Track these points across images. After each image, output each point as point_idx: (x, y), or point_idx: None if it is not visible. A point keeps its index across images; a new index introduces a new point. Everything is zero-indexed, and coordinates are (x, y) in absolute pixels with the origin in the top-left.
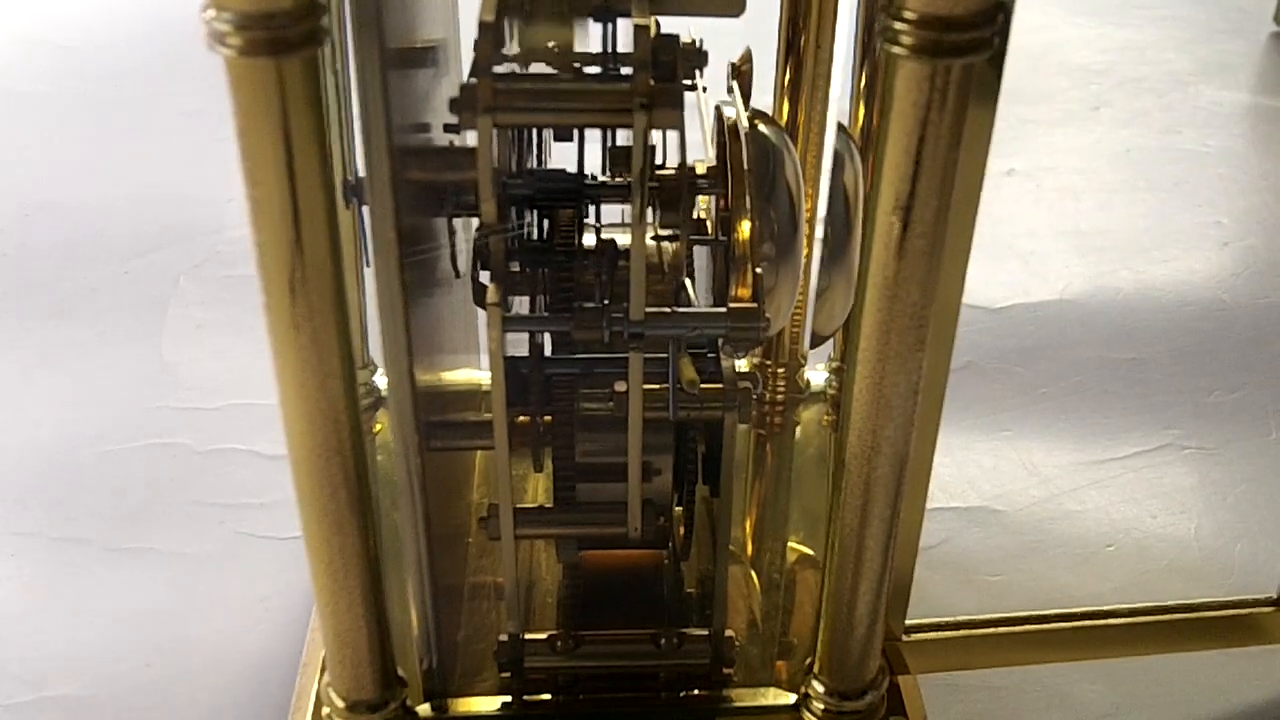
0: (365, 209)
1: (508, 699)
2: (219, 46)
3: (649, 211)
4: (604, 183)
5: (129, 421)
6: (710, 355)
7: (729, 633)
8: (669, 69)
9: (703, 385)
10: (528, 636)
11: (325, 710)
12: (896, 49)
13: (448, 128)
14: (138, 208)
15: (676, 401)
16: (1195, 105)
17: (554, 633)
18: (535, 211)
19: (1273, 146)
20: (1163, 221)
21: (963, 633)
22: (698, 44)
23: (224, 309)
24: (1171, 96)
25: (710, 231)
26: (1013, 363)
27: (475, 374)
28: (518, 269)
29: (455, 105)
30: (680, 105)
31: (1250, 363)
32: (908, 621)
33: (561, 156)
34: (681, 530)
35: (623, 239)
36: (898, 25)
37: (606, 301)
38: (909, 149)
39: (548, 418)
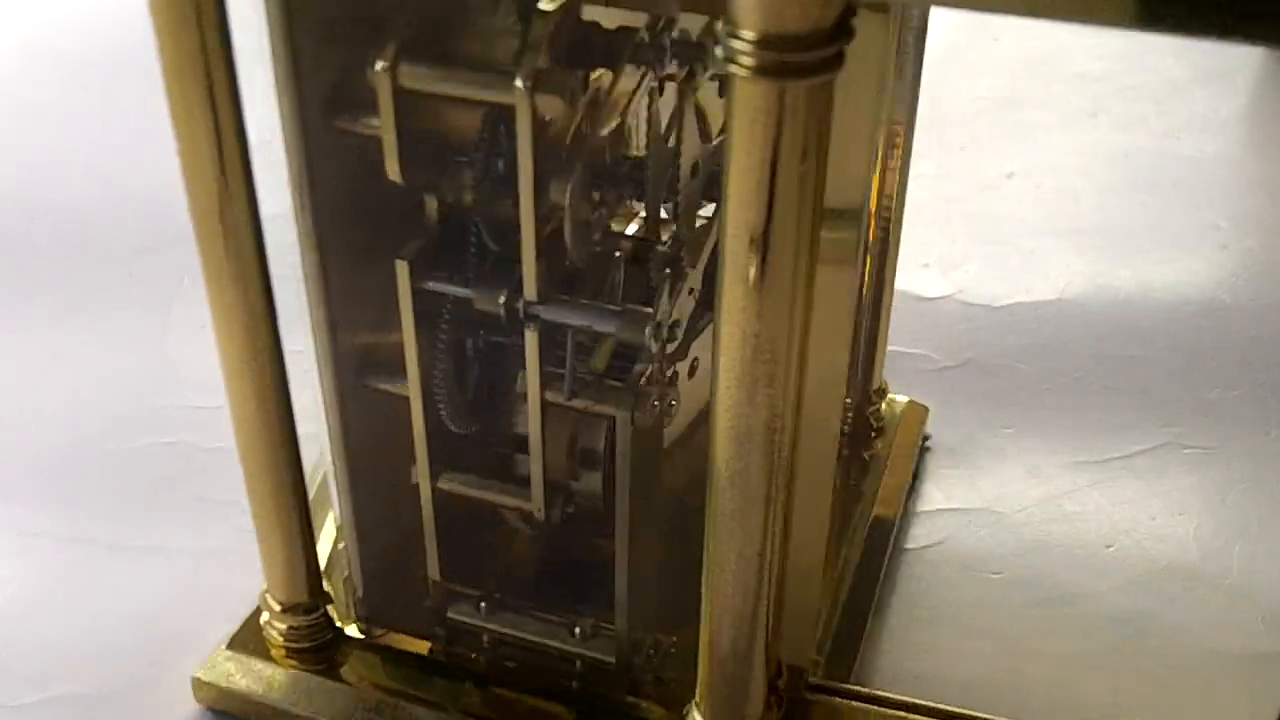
0: None
1: (429, 644)
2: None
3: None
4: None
5: (132, 421)
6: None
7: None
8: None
9: (608, 380)
10: (460, 590)
11: (264, 616)
12: (737, 69)
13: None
14: (142, 210)
15: (572, 388)
16: (1192, 111)
17: (479, 592)
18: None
19: (1269, 152)
20: (1161, 223)
21: (869, 708)
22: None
23: None
24: (1169, 102)
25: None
26: (1014, 359)
27: None
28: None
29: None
30: (564, 94)
31: (1251, 359)
32: (818, 681)
33: None
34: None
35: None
36: (735, 44)
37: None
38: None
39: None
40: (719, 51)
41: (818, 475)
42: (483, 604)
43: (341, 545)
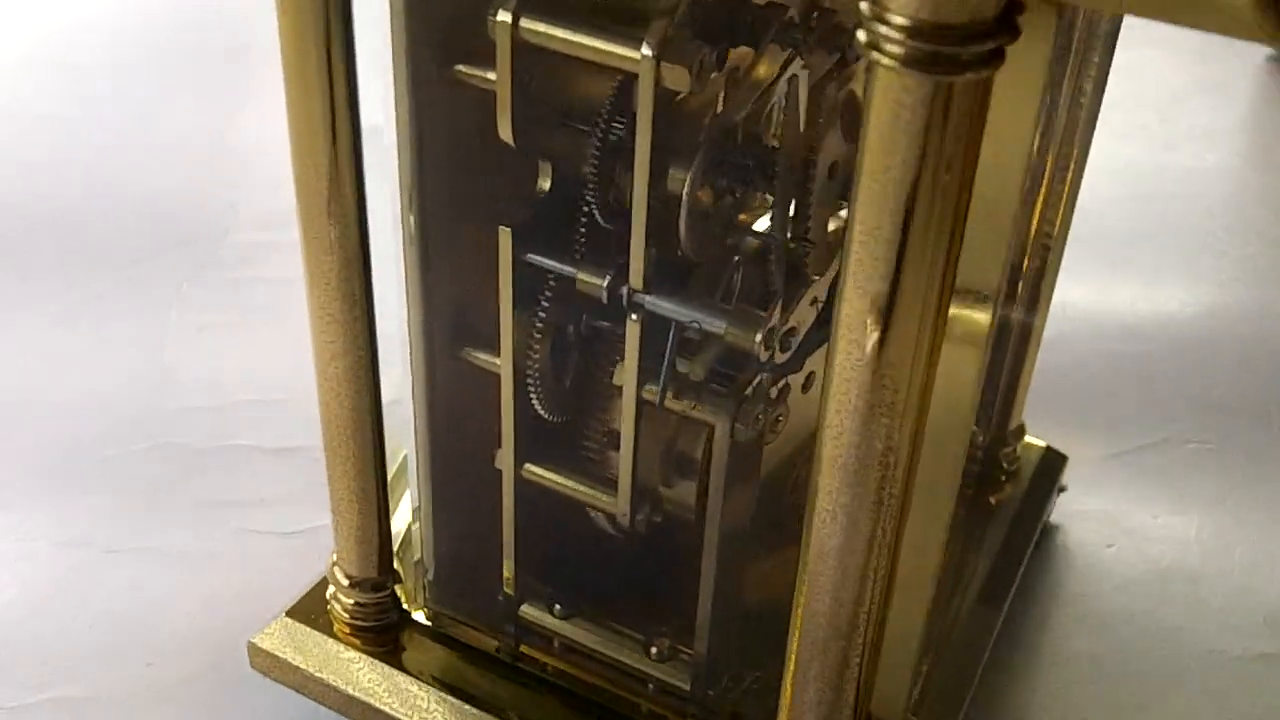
0: None
1: (499, 641)
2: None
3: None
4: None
5: (131, 424)
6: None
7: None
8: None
9: (710, 386)
10: (535, 588)
11: (330, 590)
12: (881, 58)
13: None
14: (141, 217)
15: (666, 387)
16: (1192, 122)
17: (554, 593)
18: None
19: (1269, 160)
20: (1162, 231)
21: None
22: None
23: (225, 311)
24: (1170, 113)
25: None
26: None
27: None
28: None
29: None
30: (693, 66)
31: (1253, 354)
32: None
33: None
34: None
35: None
36: (882, 29)
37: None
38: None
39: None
40: (862, 36)
41: (932, 518)
42: (556, 606)
43: (416, 526)
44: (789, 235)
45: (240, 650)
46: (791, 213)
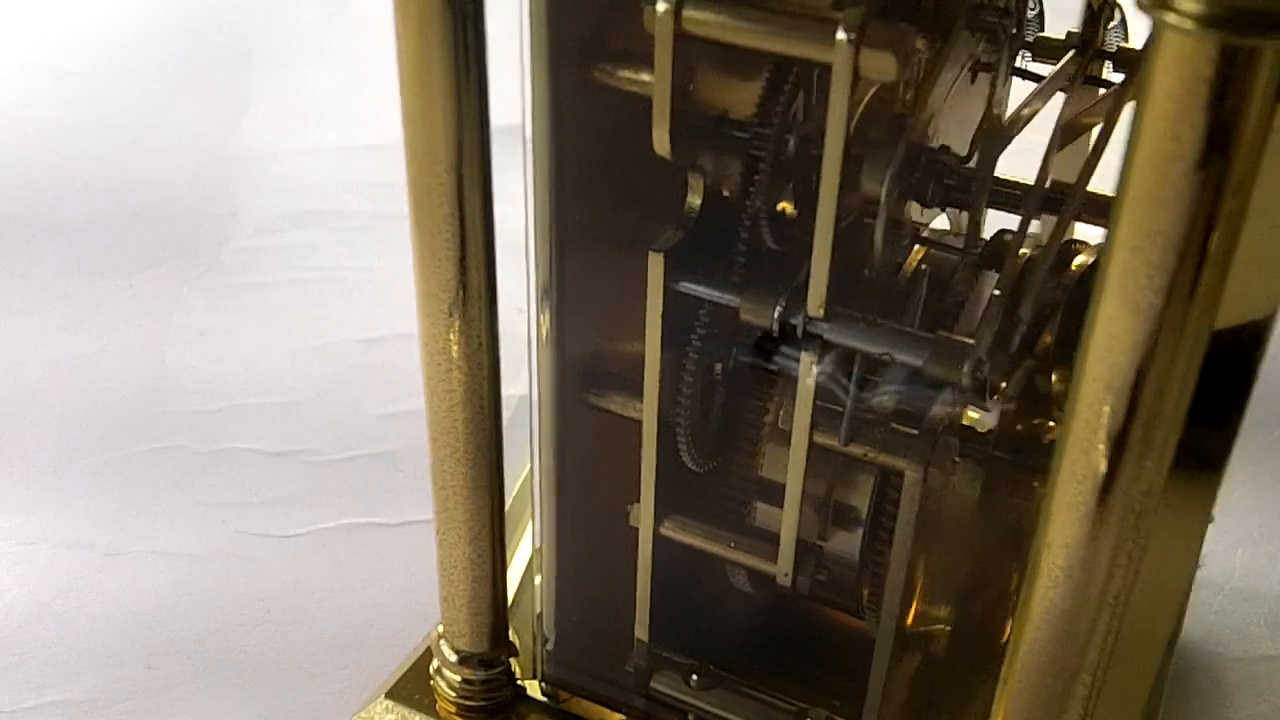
0: None
1: (626, 718)
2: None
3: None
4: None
5: (131, 427)
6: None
7: None
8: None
9: (894, 426)
10: (668, 656)
11: (434, 664)
12: (1171, 18)
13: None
14: (143, 223)
15: (850, 430)
16: None
17: (692, 663)
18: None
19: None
20: None
21: None
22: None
23: (226, 316)
24: None
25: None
26: None
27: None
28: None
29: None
30: (900, 53)
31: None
32: None
33: None
34: (866, 591)
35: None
36: None
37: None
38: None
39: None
40: None
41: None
42: (694, 676)
43: (536, 581)
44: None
45: (240, 650)
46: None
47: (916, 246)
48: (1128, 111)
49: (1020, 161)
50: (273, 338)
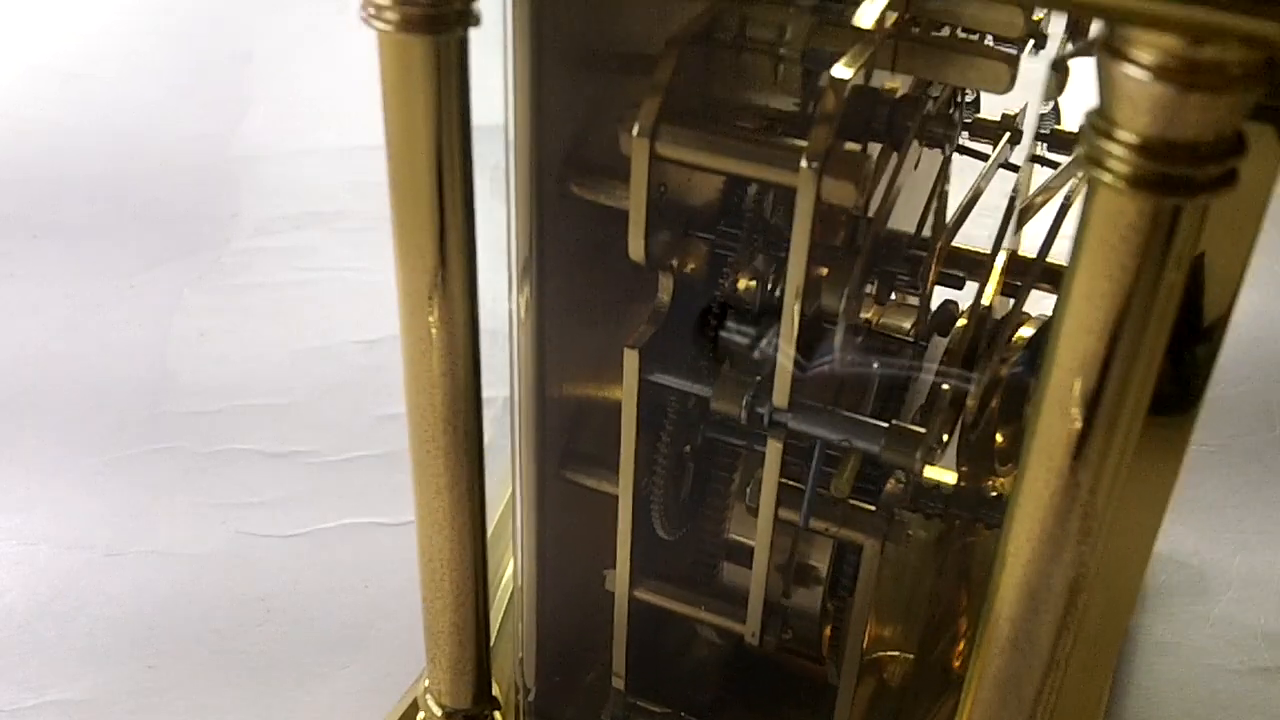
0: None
1: None
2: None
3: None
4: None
5: (132, 427)
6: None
7: None
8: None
9: (851, 502)
10: (642, 705)
11: (421, 716)
12: (1104, 175)
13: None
14: (144, 225)
15: (811, 509)
16: None
17: (665, 711)
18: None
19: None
20: None
21: None
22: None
23: (226, 317)
24: None
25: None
26: None
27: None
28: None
29: (621, 122)
30: (858, 179)
31: (1254, 357)
32: None
33: None
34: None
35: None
36: (1107, 145)
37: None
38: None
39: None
40: (1082, 150)
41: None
42: None
43: (512, 634)
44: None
45: (241, 650)
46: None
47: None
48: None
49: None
50: (273, 338)
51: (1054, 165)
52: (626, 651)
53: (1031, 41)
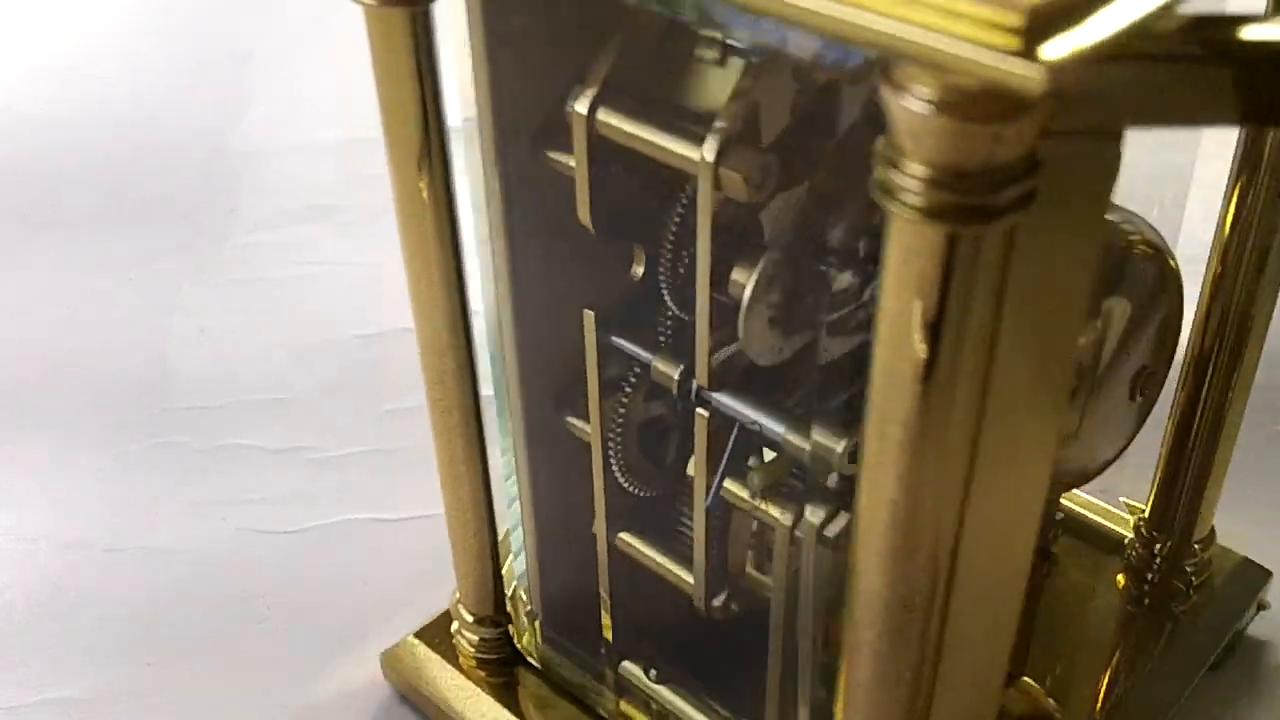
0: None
1: (600, 693)
2: None
3: None
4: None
5: (132, 424)
6: None
7: None
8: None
9: (762, 503)
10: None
11: (454, 625)
12: (895, 206)
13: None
14: (144, 220)
15: (718, 493)
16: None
17: (647, 661)
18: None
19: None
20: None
21: None
22: None
23: (226, 312)
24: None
25: None
26: None
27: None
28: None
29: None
30: (752, 176)
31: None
32: None
33: None
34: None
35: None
36: (898, 176)
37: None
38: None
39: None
40: (877, 179)
41: (987, 660)
42: (652, 670)
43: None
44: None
45: (241, 647)
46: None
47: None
48: None
49: None
50: (273, 333)
51: None
52: (611, 595)
53: None
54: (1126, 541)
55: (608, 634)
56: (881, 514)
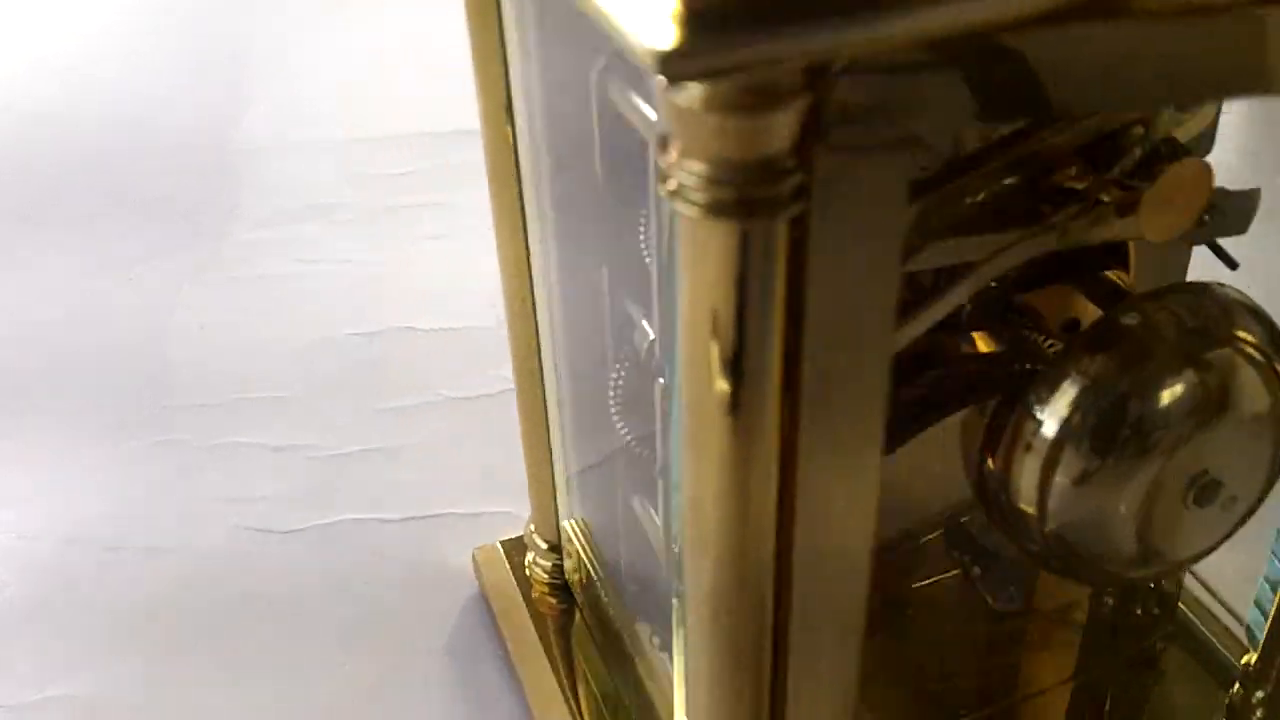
0: None
1: None
2: None
3: None
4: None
5: (132, 422)
6: None
7: None
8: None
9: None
10: None
11: (530, 555)
12: (682, 205)
13: None
14: (144, 218)
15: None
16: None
17: None
18: None
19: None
20: None
21: None
22: None
23: (226, 310)
24: None
25: None
26: None
27: None
28: None
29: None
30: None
31: None
32: None
33: None
34: None
35: None
36: (679, 176)
37: None
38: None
39: None
40: (667, 184)
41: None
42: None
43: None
44: None
45: (240, 645)
46: None
47: None
48: None
49: None
50: (273, 331)
51: None
52: None
53: None
54: (1233, 678)
55: None
56: (688, 509)
